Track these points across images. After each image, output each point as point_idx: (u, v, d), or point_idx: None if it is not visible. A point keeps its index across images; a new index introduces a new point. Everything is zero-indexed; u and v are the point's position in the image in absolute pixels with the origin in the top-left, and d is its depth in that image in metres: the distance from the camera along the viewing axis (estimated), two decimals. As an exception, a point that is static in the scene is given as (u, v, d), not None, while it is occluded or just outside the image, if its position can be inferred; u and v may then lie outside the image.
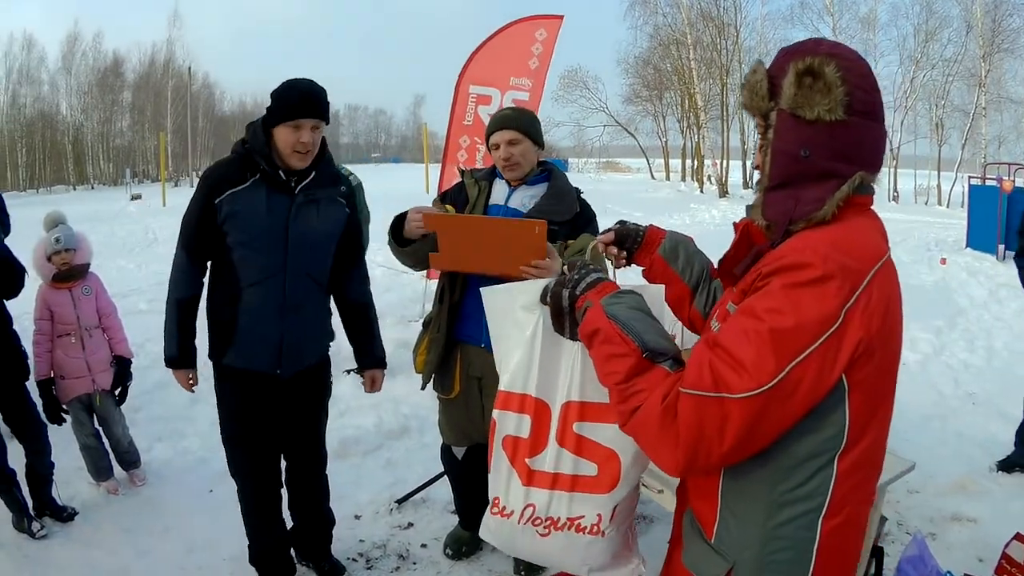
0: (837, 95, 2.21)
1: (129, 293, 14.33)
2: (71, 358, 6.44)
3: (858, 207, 2.32)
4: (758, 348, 2.07)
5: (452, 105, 11.21)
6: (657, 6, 55.91)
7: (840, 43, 2.37)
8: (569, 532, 2.88)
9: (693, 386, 2.11)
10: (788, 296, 2.09)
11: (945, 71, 47.43)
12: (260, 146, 4.42)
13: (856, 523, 2.37)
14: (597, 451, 2.82)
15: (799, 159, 2.28)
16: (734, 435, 2.08)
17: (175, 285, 4.68)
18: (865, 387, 2.18)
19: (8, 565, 5.60)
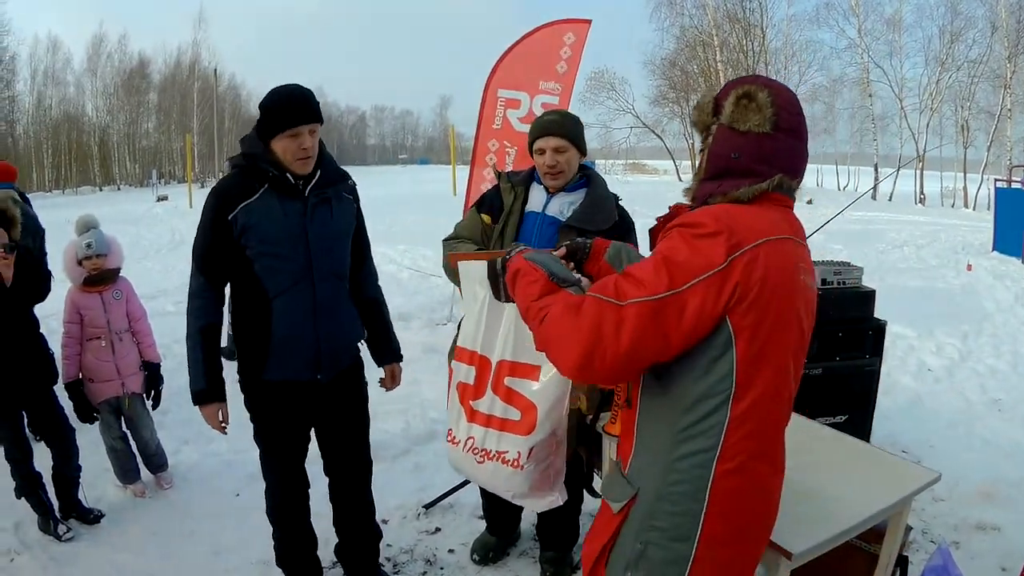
0: (766, 114, 2.72)
1: (156, 295, 14.37)
2: (101, 361, 6.44)
3: (775, 201, 2.80)
4: (655, 269, 2.56)
5: (480, 109, 11.19)
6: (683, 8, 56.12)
7: (774, 80, 2.94)
8: (496, 463, 3.66)
9: (598, 291, 2.63)
10: (684, 240, 2.59)
11: (970, 72, 47.33)
12: (263, 155, 4.40)
13: (755, 481, 2.73)
14: (521, 401, 3.57)
15: (730, 159, 2.78)
16: (628, 337, 2.52)
17: (196, 313, 4.53)
18: (748, 336, 2.58)
19: (34, 567, 5.62)
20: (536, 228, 4.86)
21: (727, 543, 2.70)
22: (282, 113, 4.31)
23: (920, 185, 47.08)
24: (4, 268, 5.54)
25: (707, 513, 2.64)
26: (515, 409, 3.58)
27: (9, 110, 70.30)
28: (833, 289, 6.46)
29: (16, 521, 6.09)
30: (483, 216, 5.06)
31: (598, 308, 2.57)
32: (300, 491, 5.03)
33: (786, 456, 2.93)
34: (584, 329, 2.57)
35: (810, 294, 2.83)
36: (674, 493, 2.68)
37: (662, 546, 2.70)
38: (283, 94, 4.36)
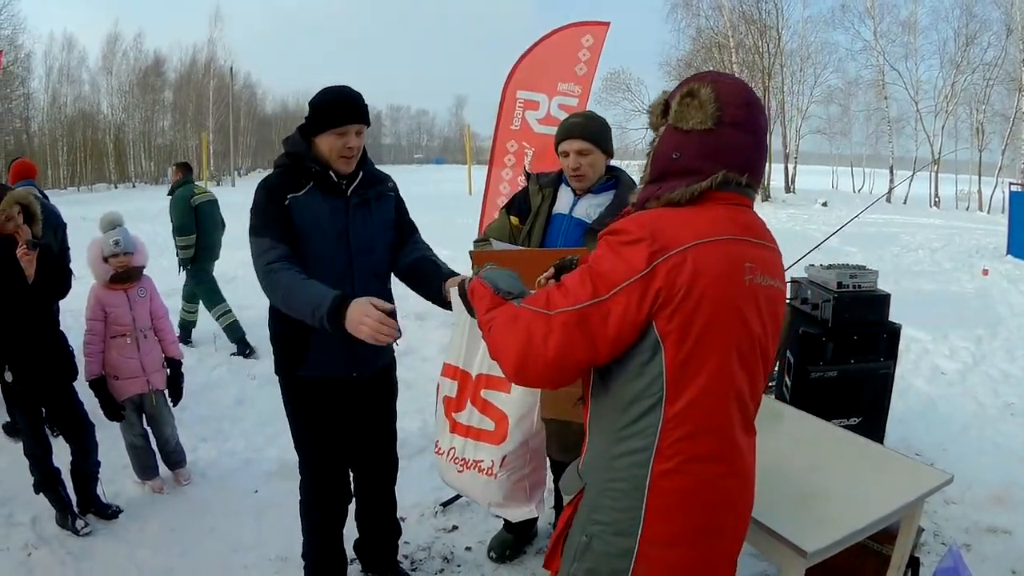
0: (708, 110, 2.69)
1: (172, 292, 14.36)
2: (126, 359, 6.49)
3: (720, 200, 2.74)
4: (581, 278, 2.64)
5: (499, 109, 11.20)
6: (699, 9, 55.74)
7: (726, 73, 2.94)
8: (473, 472, 3.78)
9: (531, 302, 2.77)
10: (609, 248, 2.63)
11: (985, 75, 47.07)
12: (307, 152, 4.40)
13: (700, 483, 2.70)
14: (494, 412, 3.69)
15: (671, 159, 2.77)
16: (555, 345, 2.63)
17: (286, 277, 4.10)
18: (676, 340, 2.57)
19: (51, 561, 5.65)
20: (563, 230, 4.90)
21: (674, 544, 2.71)
22: (332, 111, 4.34)
23: (935, 188, 46.95)
24: (27, 264, 5.59)
25: (647, 512, 2.67)
26: (489, 419, 3.71)
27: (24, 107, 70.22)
28: (849, 292, 6.47)
29: (34, 516, 6.14)
30: (512, 218, 5.13)
31: (530, 318, 2.70)
32: (338, 496, 5.01)
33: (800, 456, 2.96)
34: (518, 338, 2.71)
35: (763, 292, 2.75)
36: (614, 489, 2.73)
37: (605, 540, 2.75)
38: (335, 93, 4.41)
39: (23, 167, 9.73)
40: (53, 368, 5.98)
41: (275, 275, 4.14)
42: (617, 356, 2.66)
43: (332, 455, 4.84)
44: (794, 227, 30.24)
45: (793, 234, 26.13)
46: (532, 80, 11.03)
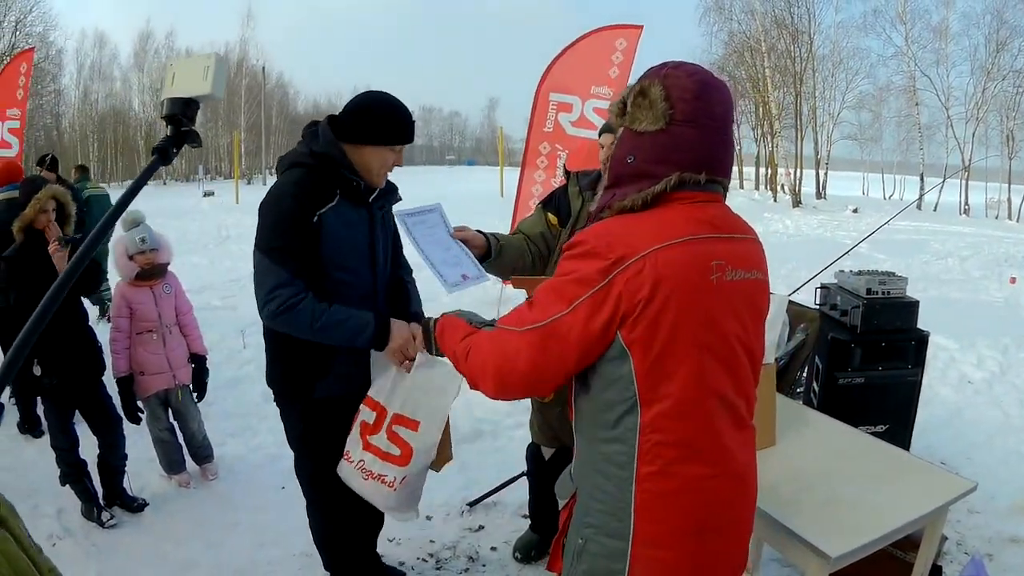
0: (659, 110, 2.63)
1: (202, 289, 14.48)
2: (152, 355, 6.54)
3: (679, 201, 2.68)
4: (547, 294, 2.68)
5: (532, 112, 11.23)
6: (732, 13, 55.65)
7: (682, 64, 2.77)
8: (376, 482, 4.37)
9: (504, 322, 2.82)
10: (568, 261, 2.67)
11: (1016, 82, 46.73)
12: (343, 160, 4.19)
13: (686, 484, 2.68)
14: (401, 443, 4.33)
15: (625, 163, 2.72)
16: (525, 361, 2.66)
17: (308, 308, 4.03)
18: (641, 347, 2.57)
19: (76, 552, 5.69)
20: None
21: (666, 545, 2.68)
22: (394, 127, 4.26)
23: (965, 196, 46.72)
24: (59, 261, 5.64)
25: (636, 514, 2.66)
26: (396, 447, 4.35)
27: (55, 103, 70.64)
28: (878, 299, 6.45)
29: (59, 507, 6.19)
30: (549, 215, 5.10)
31: (503, 337, 2.76)
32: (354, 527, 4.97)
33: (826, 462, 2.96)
34: (494, 358, 2.77)
35: (737, 288, 2.72)
36: (602, 492, 2.74)
37: (598, 542, 2.75)
38: (395, 107, 4.30)
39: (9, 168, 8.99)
40: (82, 363, 6.05)
41: (296, 309, 4.04)
42: (589, 365, 2.69)
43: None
44: (824, 233, 30.20)
45: (823, 240, 26.12)
46: (565, 82, 11.06)
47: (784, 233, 31.17)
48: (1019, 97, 46.97)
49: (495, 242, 4.86)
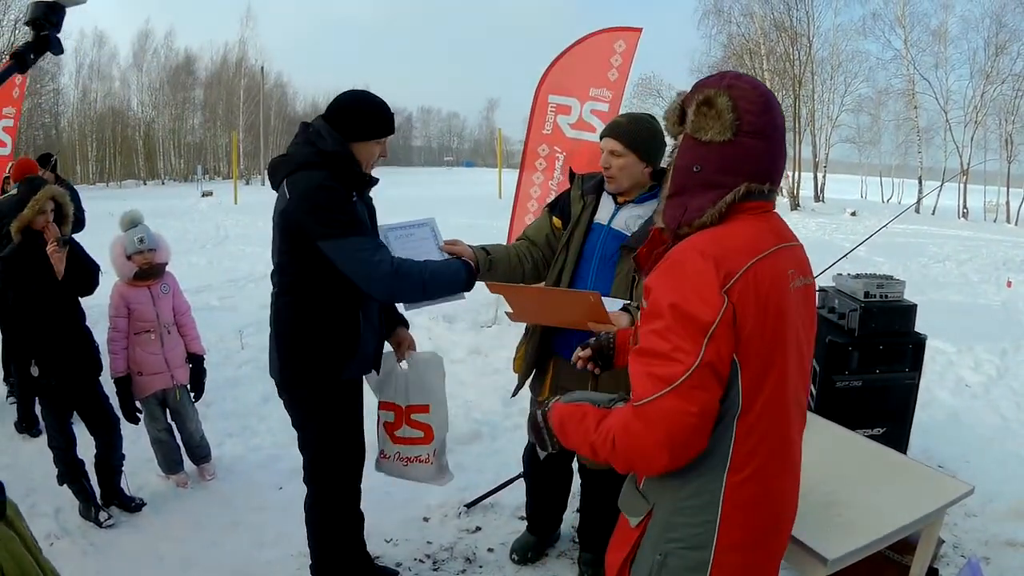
0: (726, 120, 2.63)
1: (201, 289, 14.47)
2: (150, 354, 6.53)
3: (748, 212, 2.70)
4: (673, 331, 2.51)
5: (531, 113, 11.23)
6: (731, 15, 55.63)
7: (743, 76, 2.81)
8: (415, 463, 5.19)
9: (643, 395, 2.54)
10: (676, 291, 2.53)
11: (1015, 86, 46.74)
12: (351, 157, 4.41)
13: (767, 486, 2.73)
14: (421, 426, 5.11)
15: (691, 173, 2.72)
16: (692, 413, 2.48)
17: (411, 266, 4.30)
18: (752, 360, 2.57)
19: (74, 551, 5.70)
20: (600, 242, 4.78)
21: (746, 548, 2.73)
22: (382, 121, 4.49)
23: (963, 199, 46.74)
24: (57, 261, 5.66)
25: (722, 522, 2.66)
26: (419, 431, 5.13)
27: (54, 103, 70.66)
28: (875, 302, 6.46)
29: (57, 507, 6.18)
30: (554, 219, 5.08)
31: (657, 412, 2.51)
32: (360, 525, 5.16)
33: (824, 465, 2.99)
34: (657, 431, 2.52)
35: (802, 294, 2.79)
36: (689, 507, 2.71)
37: (681, 555, 2.73)
38: (378, 103, 4.52)
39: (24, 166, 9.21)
40: (80, 362, 6.05)
41: (406, 268, 4.25)
42: None
43: (358, 452, 4.91)
44: (823, 236, 30.18)
45: (822, 243, 26.08)
46: (564, 85, 11.06)
47: (783, 235, 31.14)
48: (1018, 101, 46.98)
49: (484, 256, 4.86)
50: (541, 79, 11.16)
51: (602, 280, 4.69)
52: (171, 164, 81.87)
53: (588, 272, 4.77)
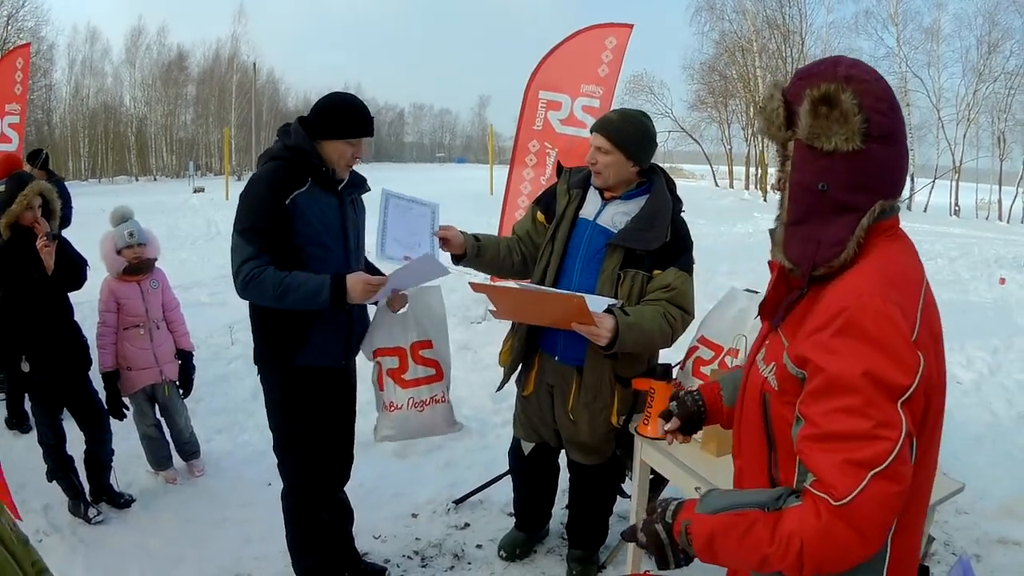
0: (854, 124, 2.17)
1: (191, 286, 14.45)
2: (139, 349, 6.51)
3: (884, 232, 2.29)
4: (872, 413, 2.05)
5: (521, 109, 11.22)
6: (723, 12, 55.86)
7: (858, 62, 2.30)
8: (432, 406, 5.09)
9: (845, 491, 2.05)
10: (857, 355, 2.09)
11: (1008, 83, 46.80)
12: (313, 151, 4.54)
13: (915, 527, 2.45)
14: (431, 362, 5.08)
15: (816, 193, 2.27)
16: (901, 489, 2.07)
17: (275, 274, 4.34)
18: (925, 417, 2.21)
19: (63, 548, 5.69)
20: (586, 238, 4.78)
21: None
22: (352, 122, 4.55)
23: (955, 197, 46.76)
24: (47, 256, 5.64)
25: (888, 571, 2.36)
26: (430, 368, 5.08)
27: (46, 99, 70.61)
28: (865, 299, 6.43)
29: (46, 503, 6.19)
30: (539, 213, 5.11)
31: (869, 504, 2.05)
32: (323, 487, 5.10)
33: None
34: (866, 526, 2.07)
35: None
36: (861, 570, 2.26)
37: None
38: (353, 104, 4.61)
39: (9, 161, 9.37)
40: (69, 358, 6.05)
41: (257, 280, 4.36)
42: None
43: (319, 442, 4.93)
44: (815, 234, 30.20)
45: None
46: (555, 81, 11.04)
47: (774, 233, 31.14)
48: (1010, 99, 47.04)
49: (473, 242, 5.04)
50: (532, 75, 11.14)
51: (587, 276, 4.70)
52: (163, 160, 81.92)
53: (573, 267, 4.77)
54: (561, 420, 5.07)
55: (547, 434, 5.28)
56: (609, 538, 5.67)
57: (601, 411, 4.86)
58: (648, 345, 4.56)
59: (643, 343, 4.47)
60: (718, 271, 17.36)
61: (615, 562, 5.62)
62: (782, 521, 2.17)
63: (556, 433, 5.22)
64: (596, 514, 5.44)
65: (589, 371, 4.78)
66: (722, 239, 27.04)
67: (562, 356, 4.91)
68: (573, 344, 4.77)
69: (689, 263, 4.70)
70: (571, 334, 4.52)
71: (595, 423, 4.88)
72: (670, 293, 4.55)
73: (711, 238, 26.36)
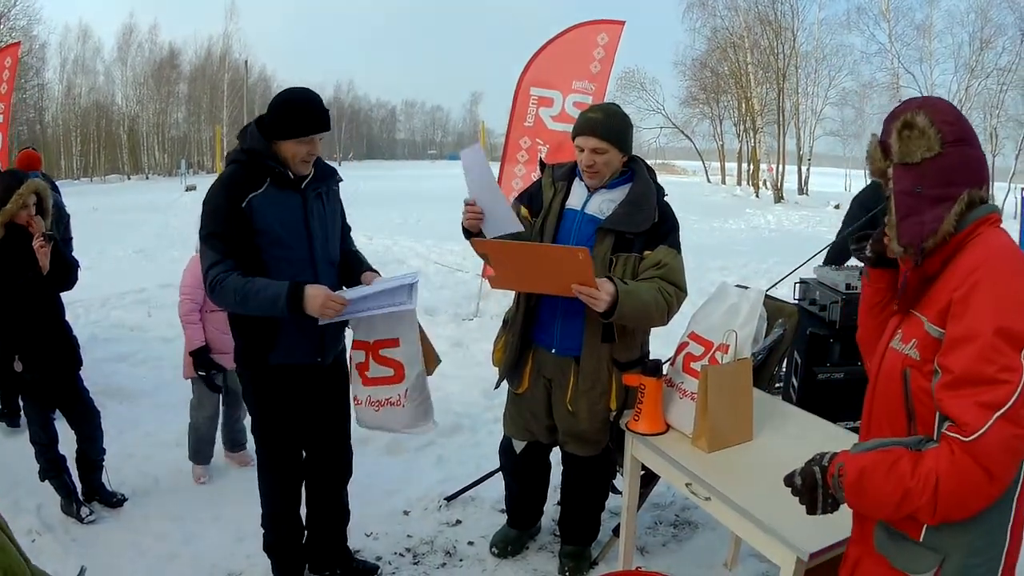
0: (930, 135, 2.64)
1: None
2: (222, 334, 6.51)
3: (991, 223, 2.68)
4: (996, 358, 2.40)
5: (512, 106, 11.24)
6: (715, 9, 55.94)
7: (928, 97, 2.91)
8: (387, 407, 5.01)
9: (975, 427, 2.40)
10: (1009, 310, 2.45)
11: (1000, 80, 46.85)
12: (267, 151, 4.57)
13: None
14: (391, 363, 4.96)
15: (915, 195, 2.69)
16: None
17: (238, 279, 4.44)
18: None
19: (56, 548, 5.67)
20: (575, 227, 4.85)
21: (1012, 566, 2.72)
22: (301, 120, 4.54)
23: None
24: (42, 256, 5.65)
25: (1009, 545, 2.67)
26: (389, 368, 4.96)
27: (38, 97, 70.49)
28: (857, 294, 6.42)
29: (39, 503, 6.18)
30: (523, 208, 5.11)
31: (992, 438, 2.38)
32: (298, 479, 5.23)
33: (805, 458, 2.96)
34: (993, 463, 2.40)
35: None
36: (982, 544, 2.65)
37: None
38: (303, 100, 4.60)
39: (28, 158, 9.65)
40: (61, 357, 6.04)
41: (222, 284, 4.46)
42: None
43: (292, 441, 5.06)
44: (806, 229, 30.36)
45: (805, 236, 26.18)
46: (546, 77, 11.08)
47: (766, 228, 31.35)
48: (1003, 95, 47.13)
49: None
50: (523, 71, 11.18)
51: None
52: (155, 159, 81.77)
53: None
54: (559, 414, 5.10)
55: (540, 431, 5.30)
56: (601, 534, 5.68)
57: (600, 396, 4.90)
58: (645, 317, 4.59)
59: (640, 313, 4.52)
60: (710, 267, 17.42)
61: (607, 558, 5.62)
62: (923, 458, 2.53)
63: (548, 430, 5.25)
64: (589, 509, 5.47)
65: (587, 357, 4.82)
66: (714, 235, 27.13)
67: (559, 348, 4.96)
68: (570, 335, 4.87)
69: (677, 242, 4.80)
70: (567, 326, 4.73)
71: (595, 409, 4.92)
72: (662, 270, 4.62)
73: (703, 234, 26.43)
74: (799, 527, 3.45)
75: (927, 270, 2.75)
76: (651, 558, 5.70)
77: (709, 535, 5.94)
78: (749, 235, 27.98)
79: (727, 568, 5.51)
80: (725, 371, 4.29)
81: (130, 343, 11.02)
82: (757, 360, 5.25)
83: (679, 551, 5.82)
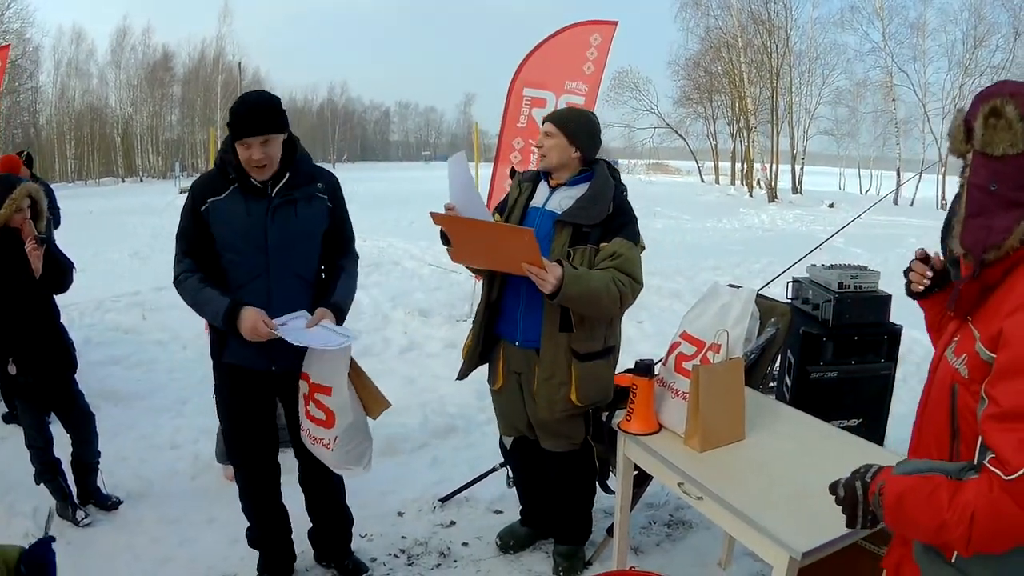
0: (1017, 130, 2.44)
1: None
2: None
3: None
4: None
5: (505, 107, 11.25)
6: (708, 8, 55.91)
7: (1020, 82, 2.58)
8: (318, 445, 4.95)
9: (1018, 468, 2.24)
10: None
11: (993, 78, 46.49)
12: (231, 157, 4.61)
13: None
14: (324, 408, 4.84)
15: (988, 192, 2.52)
16: None
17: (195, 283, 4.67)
18: None
19: (51, 551, 5.66)
20: (536, 223, 4.94)
21: None
22: (235, 124, 4.51)
23: (942, 191, 46.82)
24: (35, 259, 5.66)
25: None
26: (322, 412, 4.87)
27: (32, 100, 70.46)
28: (849, 293, 6.45)
29: (34, 506, 6.17)
30: (496, 216, 5.22)
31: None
32: (269, 475, 5.29)
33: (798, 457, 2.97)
34: None
35: None
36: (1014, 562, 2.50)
37: None
38: (239, 103, 4.59)
39: (9, 163, 9.29)
40: (55, 360, 6.04)
41: (182, 285, 4.74)
42: None
43: (252, 435, 5.16)
44: (800, 228, 30.31)
45: (799, 235, 26.19)
46: (539, 78, 11.08)
47: (760, 228, 31.28)
48: (996, 93, 47.14)
49: None
50: (516, 72, 11.18)
51: None
52: (149, 161, 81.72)
53: None
54: (529, 407, 5.19)
55: (522, 426, 5.38)
56: (595, 534, 5.70)
57: (559, 387, 4.93)
58: (595, 304, 4.65)
59: (589, 299, 4.59)
60: (703, 266, 17.49)
61: (601, 558, 5.63)
62: (961, 490, 2.37)
63: (529, 425, 5.33)
64: (576, 507, 5.50)
65: (545, 347, 4.90)
66: (708, 235, 27.14)
67: (522, 340, 5.06)
68: (531, 327, 4.97)
69: (633, 234, 4.87)
70: (528, 318, 4.89)
71: (554, 399, 4.95)
72: (617, 260, 4.69)
73: (697, 233, 26.49)
74: (791, 526, 3.47)
75: (986, 279, 2.62)
76: (645, 558, 5.70)
77: (703, 534, 5.95)
78: (743, 234, 27.98)
79: (721, 567, 5.52)
80: (717, 371, 4.30)
81: (125, 346, 10.95)
82: (750, 359, 5.27)
83: (673, 551, 5.83)
